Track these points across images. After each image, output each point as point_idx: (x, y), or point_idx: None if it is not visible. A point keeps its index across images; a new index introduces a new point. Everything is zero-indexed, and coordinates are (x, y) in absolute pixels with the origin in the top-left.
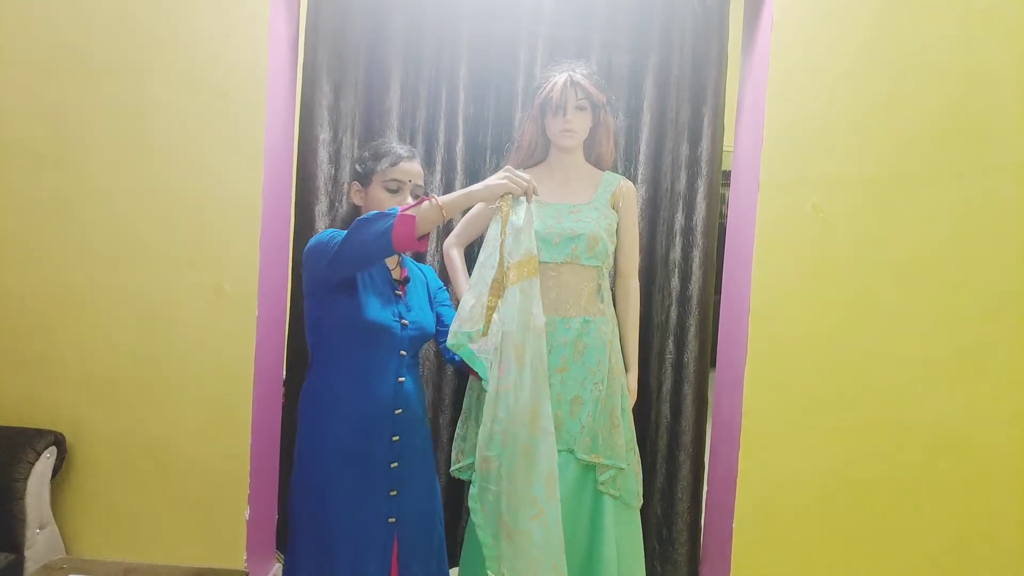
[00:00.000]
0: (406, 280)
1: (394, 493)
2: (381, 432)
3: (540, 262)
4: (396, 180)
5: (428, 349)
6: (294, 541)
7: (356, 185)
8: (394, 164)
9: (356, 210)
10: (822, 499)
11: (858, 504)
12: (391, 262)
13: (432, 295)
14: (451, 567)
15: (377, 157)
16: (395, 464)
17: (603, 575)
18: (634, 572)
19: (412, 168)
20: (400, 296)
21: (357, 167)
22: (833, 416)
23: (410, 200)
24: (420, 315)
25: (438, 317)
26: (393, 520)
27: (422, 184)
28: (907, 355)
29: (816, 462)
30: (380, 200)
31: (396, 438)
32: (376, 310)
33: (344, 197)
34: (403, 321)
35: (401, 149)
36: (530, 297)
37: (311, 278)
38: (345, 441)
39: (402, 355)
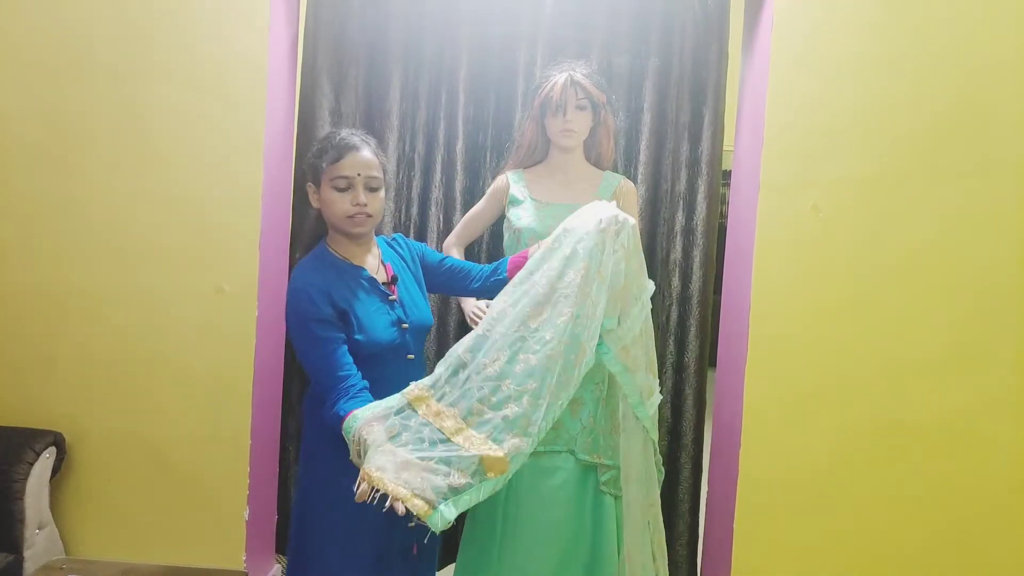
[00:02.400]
0: (395, 279)
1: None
2: None
3: None
4: (343, 177)
5: (427, 349)
6: (304, 548)
7: (311, 186)
8: (337, 159)
9: (318, 213)
10: (822, 499)
11: (858, 504)
12: (372, 266)
13: (423, 267)
14: (449, 563)
15: (321, 154)
16: None
17: (605, 575)
18: None
19: (360, 159)
20: (394, 299)
21: (306, 168)
22: (833, 416)
23: (363, 197)
24: (417, 311)
25: (449, 268)
26: (413, 524)
27: (378, 175)
28: (907, 355)
29: (816, 462)
30: (331, 201)
31: None
32: (378, 330)
33: None
34: (403, 325)
35: (349, 139)
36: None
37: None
38: None
39: (409, 359)
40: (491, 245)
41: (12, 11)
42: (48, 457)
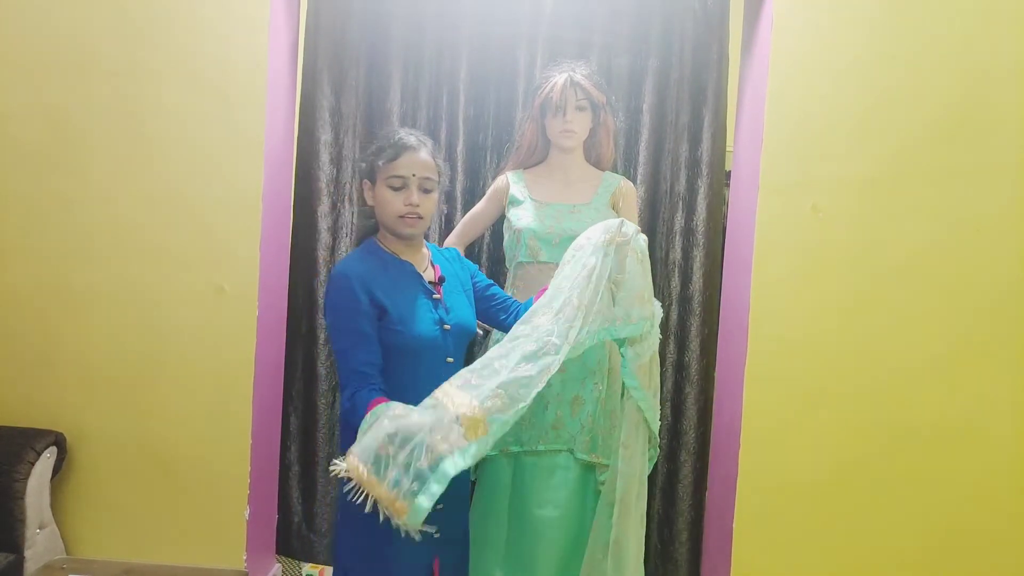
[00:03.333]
0: (442, 280)
1: (440, 507)
2: None
3: (540, 263)
4: (399, 176)
5: None
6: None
7: (367, 183)
8: (394, 159)
9: (370, 210)
10: (822, 499)
11: (858, 504)
12: (420, 265)
13: (471, 282)
14: None
15: (378, 152)
16: None
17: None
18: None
19: (416, 160)
20: (439, 299)
21: (362, 164)
22: (833, 415)
23: (415, 198)
24: (460, 314)
25: (491, 295)
26: (437, 534)
27: (433, 176)
28: (906, 354)
29: (816, 462)
30: (385, 199)
31: None
32: (419, 324)
33: (346, 198)
34: (445, 326)
35: (407, 139)
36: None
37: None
38: None
39: (449, 362)
40: (491, 245)
41: (12, 11)
42: (49, 457)
